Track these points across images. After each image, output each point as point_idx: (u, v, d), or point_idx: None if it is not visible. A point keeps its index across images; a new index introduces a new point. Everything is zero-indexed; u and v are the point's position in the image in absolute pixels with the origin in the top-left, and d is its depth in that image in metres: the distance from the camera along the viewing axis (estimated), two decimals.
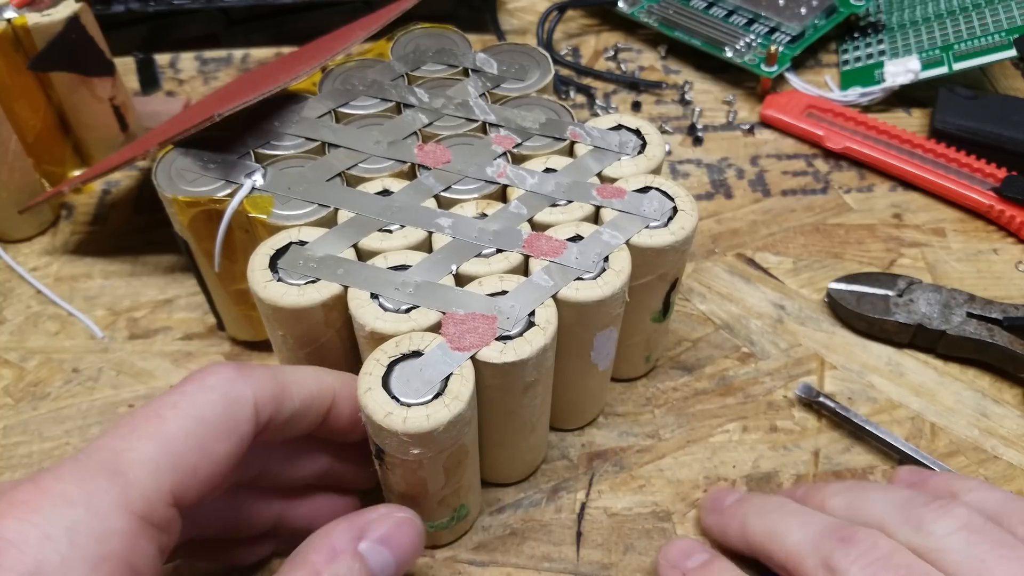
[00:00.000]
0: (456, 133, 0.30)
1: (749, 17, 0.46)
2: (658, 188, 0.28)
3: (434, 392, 0.22)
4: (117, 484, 0.18)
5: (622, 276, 0.25)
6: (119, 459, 0.18)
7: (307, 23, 0.47)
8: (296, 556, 0.22)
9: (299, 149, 0.29)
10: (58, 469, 0.18)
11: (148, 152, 0.29)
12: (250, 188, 0.27)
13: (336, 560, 0.21)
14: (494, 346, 0.23)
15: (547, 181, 0.28)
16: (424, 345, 0.23)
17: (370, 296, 0.24)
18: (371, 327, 0.24)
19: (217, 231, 0.28)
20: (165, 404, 0.20)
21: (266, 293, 0.24)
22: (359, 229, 0.26)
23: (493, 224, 0.26)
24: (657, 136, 0.30)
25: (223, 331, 0.33)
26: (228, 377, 0.21)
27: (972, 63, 0.41)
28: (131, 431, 0.19)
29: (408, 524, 0.23)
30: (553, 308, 0.24)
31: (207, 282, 0.31)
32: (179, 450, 0.19)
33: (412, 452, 0.22)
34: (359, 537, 0.22)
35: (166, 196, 0.28)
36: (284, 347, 0.26)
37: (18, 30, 0.35)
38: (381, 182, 0.28)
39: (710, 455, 0.30)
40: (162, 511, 0.19)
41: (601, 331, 0.26)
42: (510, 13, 0.51)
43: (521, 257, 0.26)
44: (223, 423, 0.20)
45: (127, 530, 0.18)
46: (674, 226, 0.27)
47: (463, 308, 0.24)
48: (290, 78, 0.29)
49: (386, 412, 0.21)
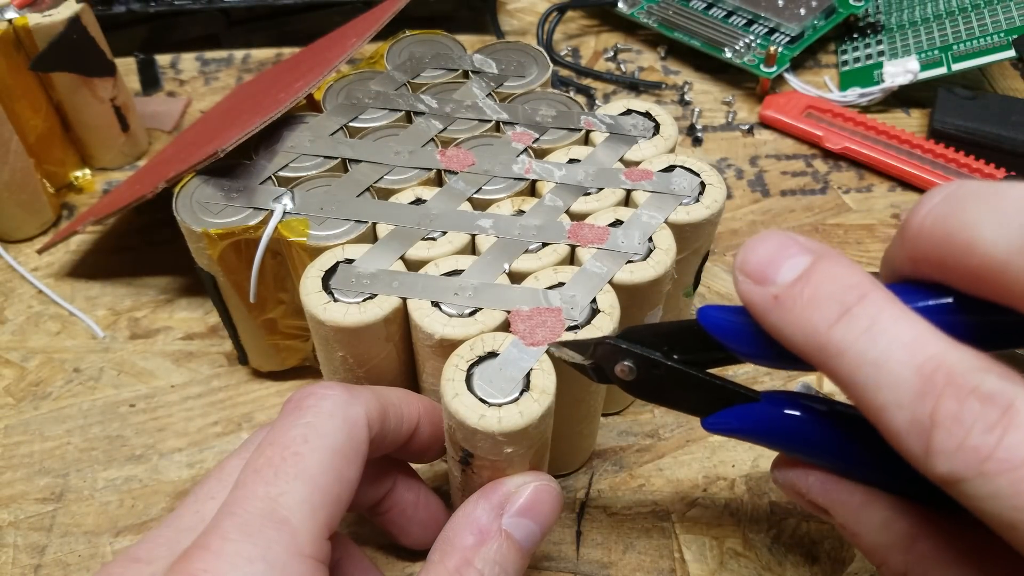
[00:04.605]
0: (473, 135, 0.30)
1: (748, 18, 0.46)
2: (682, 166, 0.29)
3: (519, 389, 0.22)
4: (285, 532, 0.18)
5: (671, 254, 0.26)
6: (277, 506, 0.18)
7: (307, 24, 0.47)
8: (442, 542, 0.22)
9: (320, 168, 0.29)
10: (220, 529, 0.18)
11: (156, 188, 0.29)
12: (282, 213, 0.27)
13: (485, 543, 0.21)
14: (565, 336, 0.24)
15: (574, 171, 0.28)
16: (498, 345, 0.23)
17: (431, 304, 0.24)
18: (440, 335, 0.24)
19: (245, 261, 0.28)
20: (295, 439, 0.20)
21: (327, 315, 0.24)
22: (402, 240, 0.26)
23: (533, 219, 0.27)
24: (668, 116, 0.31)
25: (246, 364, 0.33)
26: (344, 400, 0.21)
27: (971, 63, 0.41)
28: (275, 474, 0.19)
29: (546, 490, 0.23)
30: (612, 293, 0.25)
31: (233, 315, 0.30)
32: (325, 485, 0.19)
33: (505, 451, 0.22)
34: (501, 512, 0.22)
35: (193, 231, 0.27)
36: (343, 368, 0.26)
37: (19, 30, 0.35)
38: (412, 192, 0.28)
39: (709, 455, 0.30)
40: (324, 547, 0.19)
41: (652, 310, 0.27)
42: (510, 14, 0.51)
43: (567, 248, 0.26)
44: (350, 448, 0.20)
45: (306, 573, 0.18)
46: (707, 200, 0.27)
47: (526, 304, 0.24)
48: (292, 99, 0.29)
49: (479, 415, 0.21)
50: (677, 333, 0.21)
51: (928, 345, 0.15)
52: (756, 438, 0.21)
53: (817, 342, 0.16)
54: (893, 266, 0.19)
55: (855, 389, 0.16)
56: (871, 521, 0.19)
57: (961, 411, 0.15)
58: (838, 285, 0.17)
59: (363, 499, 0.25)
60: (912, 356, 0.15)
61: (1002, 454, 0.14)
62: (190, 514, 0.21)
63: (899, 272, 0.19)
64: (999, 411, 0.14)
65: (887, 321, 0.16)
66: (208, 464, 0.30)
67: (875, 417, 0.16)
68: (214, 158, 0.27)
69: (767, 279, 0.18)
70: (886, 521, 0.19)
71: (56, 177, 0.40)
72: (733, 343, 0.19)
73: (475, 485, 0.24)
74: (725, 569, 0.27)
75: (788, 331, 0.17)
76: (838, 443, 0.20)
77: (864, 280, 0.17)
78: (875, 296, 0.16)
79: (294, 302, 0.30)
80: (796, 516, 0.29)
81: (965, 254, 0.16)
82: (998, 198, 0.16)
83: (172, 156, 0.34)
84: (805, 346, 0.17)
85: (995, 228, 0.15)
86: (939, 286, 0.17)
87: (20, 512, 0.29)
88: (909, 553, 0.18)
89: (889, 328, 0.16)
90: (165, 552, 0.19)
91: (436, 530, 0.23)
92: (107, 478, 0.30)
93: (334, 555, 0.23)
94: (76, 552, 0.28)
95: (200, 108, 0.45)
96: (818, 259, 0.17)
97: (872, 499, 0.19)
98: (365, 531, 0.28)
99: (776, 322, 0.17)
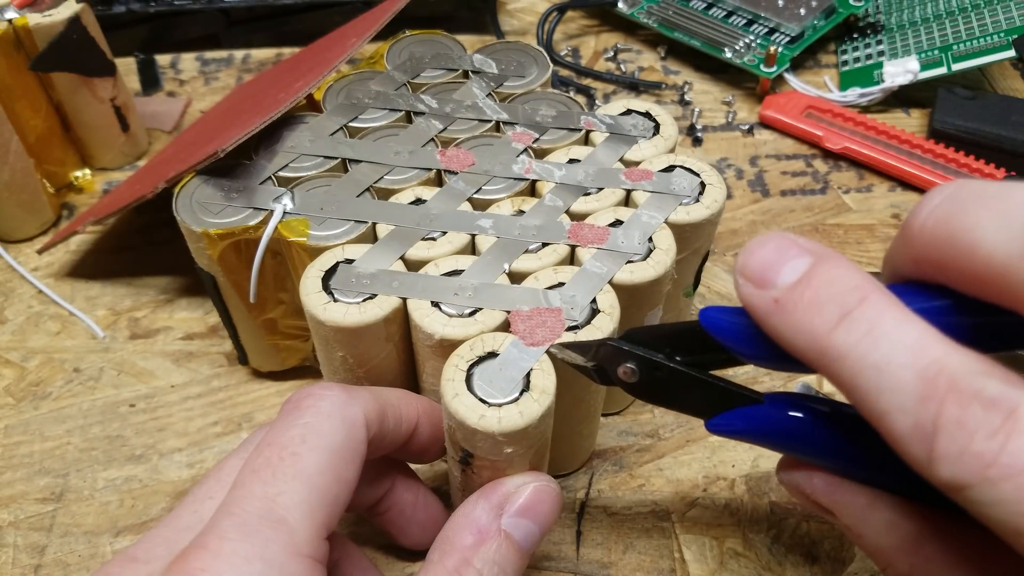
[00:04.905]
0: (473, 135, 0.30)
1: (748, 18, 0.46)
2: (682, 166, 0.29)
3: (519, 389, 0.22)
4: (283, 532, 0.18)
5: (670, 254, 0.26)
6: (274, 506, 0.19)
7: (307, 24, 0.47)
8: (441, 542, 0.22)
9: (320, 168, 0.29)
10: (218, 528, 0.18)
11: (156, 188, 0.29)
12: (282, 213, 0.27)
13: (484, 543, 0.21)
14: (565, 337, 0.24)
15: (574, 171, 0.28)
16: (498, 345, 0.23)
17: (431, 304, 0.24)
18: (440, 335, 0.24)
19: (245, 261, 0.28)
20: (293, 440, 0.20)
21: (327, 315, 0.24)
22: (402, 241, 0.26)
23: (533, 219, 0.27)
24: (668, 116, 0.31)
25: (246, 364, 0.33)
26: (342, 400, 0.21)
27: (971, 63, 0.41)
28: (272, 475, 0.19)
29: (545, 490, 0.23)
30: (612, 293, 0.25)
31: (233, 315, 0.30)
32: (323, 485, 0.19)
33: (505, 451, 0.22)
34: (500, 512, 0.22)
35: (194, 231, 0.27)
36: (343, 368, 0.26)
37: (19, 30, 0.35)
38: (412, 192, 0.28)
39: (709, 455, 0.30)
40: (321, 546, 0.19)
41: (652, 310, 0.27)
42: (510, 14, 0.51)
43: (568, 248, 0.26)
44: (348, 448, 0.20)
45: (303, 572, 0.18)
46: (707, 200, 0.27)
47: (526, 304, 0.24)
48: (292, 99, 0.29)
49: (479, 415, 0.22)
50: (679, 335, 0.21)
51: (930, 349, 0.15)
52: (760, 440, 0.21)
53: (818, 346, 0.16)
54: (895, 267, 0.19)
55: (857, 393, 0.16)
56: (876, 523, 0.19)
57: (964, 416, 0.14)
58: (838, 288, 0.16)
59: (362, 499, 0.25)
60: (914, 360, 0.15)
61: (1006, 459, 0.14)
62: (188, 514, 0.21)
63: (901, 273, 0.18)
64: (1002, 416, 0.14)
65: (888, 324, 0.16)
66: (208, 464, 0.30)
67: (877, 422, 0.16)
68: (214, 158, 0.27)
69: (767, 282, 0.17)
70: (891, 523, 0.19)
71: (56, 177, 0.40)
72: (734, 345, 0.19)
73: (475, 485, 0.24)
74: (725, 569, 0.27)
75: (789, 335, 0.17)
76: (842, 445, 0.20)
77: (864, 282, 0.16)
78: (876, 298, 0.16)
79: (294, 302, 0.30)
80: (796, 516, 0.29)
81: (966, 256, 0.16)
82: (999, 200, 0.16)
83: (172, 156, 0.34)
84: (806, 350, 0.17)
85: (996, 230, 0.15)
86: (941, 287, 0.17)
87: (20, 512, 0.29)
88: (914, 555, 0.18)
89: (890, 331, 0.16)
90: (163, 552, 0.19)
91: (435, 530, 0.23)
92: (107, 478, 0.30)
93: (333, 555, 0.23)
94: (76, 552, 0.28)
95: (200, 108, 0.45)
96: (818, 261, 0.17)
97: (877, 501, 0.19)
98: (365, 531, 0.28)
99: (777, 325, 0.17)
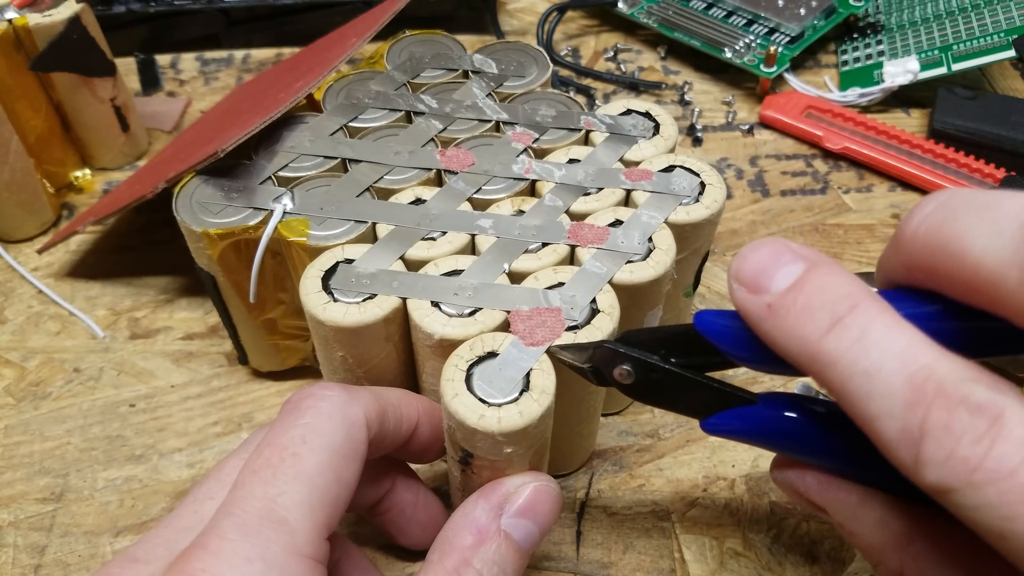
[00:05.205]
0: (473, 135, 0.30)
1: (748, 18, 0.46)
2: (682, 166, 0.29)
3: (519, 389, 0.22)
4: (283, 532, 0.18)
5: (670, 254, 0.26)
6: (275, 506, 0.19)
7: (307, 24, 0.47)
8: (441, 542, 0.22)
9: (320, 168, 0.29)
10: (219, 528, 0.18)
11: (156, 188, 0.29)
12: (282, 213, 0.27)
13: (484, 543, 0.21)
14: (565, 336, 0.24)
15: (574, 171, 0.28)
16: (498, 345, 0.23)
17: (431, 304, 0.24)
18: (440, 335, 0.24)
19: (245, 261, 0.28)
20: (293, 440, 0.20)
21: (326, 315, 0.24)
22: (402, 240, 0.26)
23: (533, 219, 0.27)
24: (668, 116, 0.31)
25: (246, 364, 0.33)
26: (342, 400, 0.21)
27: (971, 63, 0.41)
28: (273, 475, 0.19)
29: (545, 490, 0.23)
30: (612, 293, 0.25)
31: (233, 315, 0.30)
32: (323, 485, 0.19)
33: (505, 451, 0.22)
34: (499, 513, 0.22)
35: (193, 231, 0.27)
36: (343, 368, 0.26)
37: (19, 30, 0.35)
38: (412, 191, 0.28)
39: (709, 455, 0.30)
40: (322, 547, 0.19)
41: (652, 310, 0.27)
42: (510, 14, 0.51)
43: (567, 248, 0.26)
44: (349, 448, 0.20)
45: (304, 573, 0.18)
46: (706, 200, 0.27)
47: (526, 304, 0.24)
48: (292, 99, 0.29)
49: (479, 415, 0.22)
50: (674, 337, 0.21)
51: (919, 355, 0.15)
52: (755, 439, 0.21)
53: (809, 351, 0.17)
54: (887, 272, 0.19)
55: (847, 398, 0.16)
56: (867, 520, 0.19)
57: (951, 421, 0.15)
58: (830, 295, 0.17)
59: (362, 499, 0.25)
60: (903, 366, 0.15)
61: (991, 464, 0.14)
62: (189, 514, 0.21)
63: (893, 278, 0.19)
64: (988, 421, 0.14)
65: (878, 331, 0.16)
66: (208, 464, 0.30)
67: (867, 426, 0.16)
68: (214, 158, 0.27)
69: (761, 288, 0.18)
70: (882, 520, 0.19)
71: (56, 177, 0.40)
72: (728, 348, 0.19)
73: (475, 485, 0.24)
74: (725, 569, 0.27)
75: (781, 340, 0.17)
76: (835, 444, 0.20)
77: (856, 289, 0.17)
78: (867, 305, 0.16)
79: (294, 302, 0.30)
80: (796, 516, 0.29)
81: (957, 264, 0.16)
82: (990, 209, 0.16)
83: (172, 156, 0.34)
84: (798, 355, 0.17)
85: (987, 239, 0.15)
86: (932, 293, 0.17)
87: (20, 512, 0.29)
88: (905, 552, 0.19)
89: (880, 338, 0.16)
90: (163, 552, 0.19)
91: (435, 530, 0.23)
92: (107, 478, 0.30)
93: (333, 555, 0.23)
94: (76, 552, 0.28)
95: (200, 108, 0.45)
96: (811, 267, 0.17)
97: (868, 498, 0.19)
98: (365, 531, 0.28)
99: (770, 331, 0.17)
